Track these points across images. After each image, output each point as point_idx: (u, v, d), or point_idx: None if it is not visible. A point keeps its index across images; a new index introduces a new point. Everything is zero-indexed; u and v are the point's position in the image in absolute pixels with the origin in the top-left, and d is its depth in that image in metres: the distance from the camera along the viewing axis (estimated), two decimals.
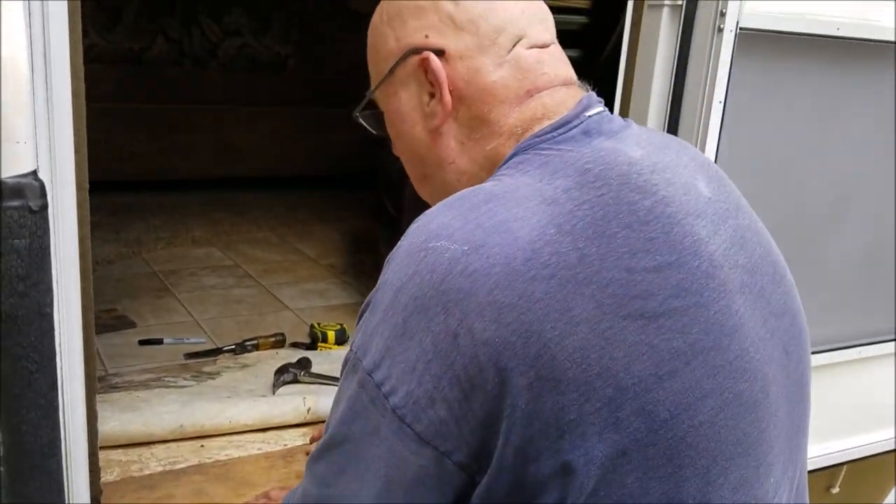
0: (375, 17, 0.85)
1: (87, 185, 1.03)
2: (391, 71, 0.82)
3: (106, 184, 1.10)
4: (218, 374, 1.89)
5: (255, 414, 1.63)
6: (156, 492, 1.38)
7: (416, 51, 0.80)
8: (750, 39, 1.48)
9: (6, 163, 0.54)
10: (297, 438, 1.62)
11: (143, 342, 2.08)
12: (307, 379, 1.83)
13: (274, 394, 1.76)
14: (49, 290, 0.58)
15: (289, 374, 1.82)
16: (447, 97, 0.79)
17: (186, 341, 2.11)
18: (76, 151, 0.97)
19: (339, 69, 4.38)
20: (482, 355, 0.61)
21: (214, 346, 2.09)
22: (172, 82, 3.94)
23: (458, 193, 0.72)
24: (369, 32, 0.85)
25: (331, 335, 2.18)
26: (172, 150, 3.85)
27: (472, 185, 0.77)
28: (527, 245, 0.63)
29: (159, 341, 2.09)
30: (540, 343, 0.61)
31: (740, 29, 1.45)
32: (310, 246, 3.21)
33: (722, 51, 1.43)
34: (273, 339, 2.13)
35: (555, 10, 0.86)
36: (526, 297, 0.61)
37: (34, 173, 0.57)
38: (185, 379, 1.84)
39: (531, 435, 0.61)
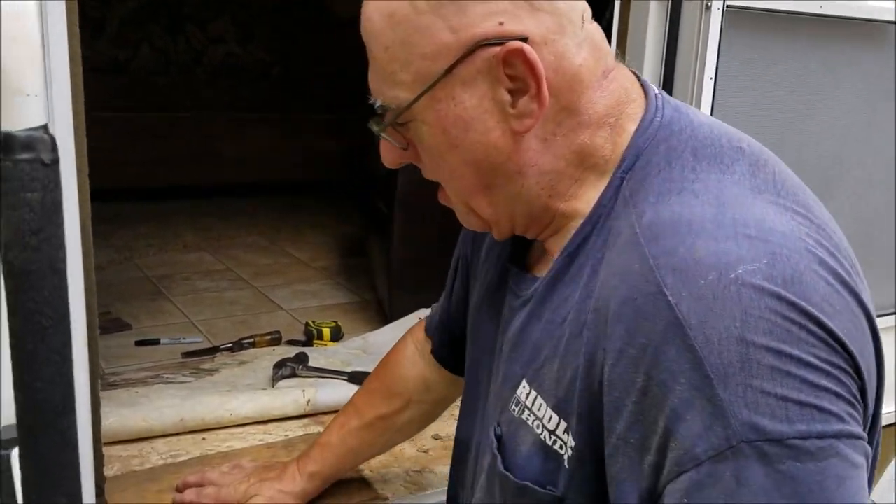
0: (403, 8, 0.69)
1: (87, 169, 1.03)
2: (449, 70, 0.69)
3: (94, 192, 1.10)
4: (216, 370, 1.88)
5: (256, 406, 1.62)
6: (158, 483, 1.38)
7: (490, 42, 0.68)
8: (737, 17, 1.50)
9: (18, 115, 0.54)
10: (297, 429, 1.62)
11: (139, 343, 2.07)
12: (305, 373, 1.82)
13: (273, 387, 1.75)
14: (62, 246, 0.58)
15: (287, 369, 1.81)
16: (545, 92, 0.68)
17: (183, 341, 2.10)
18: (76, 136, 0.97)
19: (324, 76, 4.40)
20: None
21: (211, 345, 2.08)
22: (158, 90, 3.94)
23: (678, 220, 0.64)
24: (389, 27, 0.70)
25: (326, 332, 2.18)
26: (160, 159, 3.84)
27: (553, 186, 0.74)
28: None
29: (156, 342, 2.08)
30: None
31: (727, 7, 1.47)
32: (300, 249, 3.20)
33: (711, 28, 1.45)
34: (269, 336, 2.12)
35: None
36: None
37: (45, 127, 0.57)
38: (183, 375, 1.83)
39: None
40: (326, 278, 2.84)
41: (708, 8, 1.44)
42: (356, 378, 1.76)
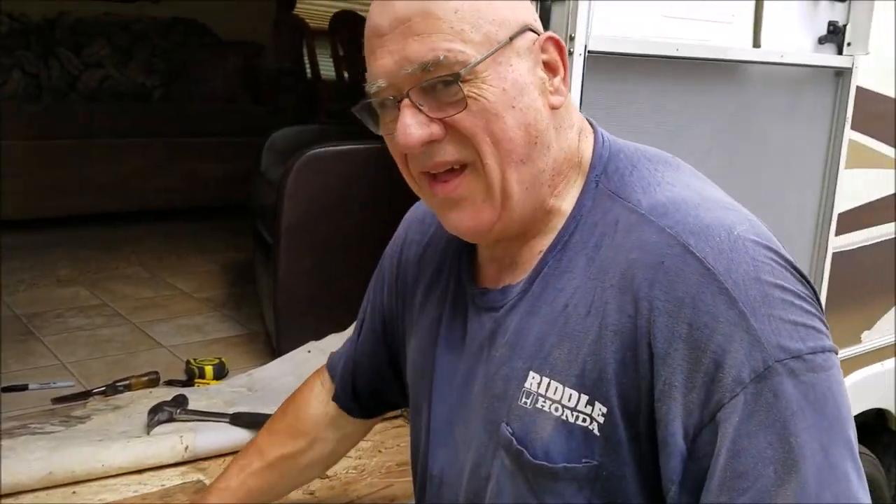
0: None
1: None
2: (510, 40, 0.80)
3: None
4: (88, 417, 1.81)
5: (129, 455, 1.57)
6: None
7: (532, 29, 0.83)
8: (598, 62, 1.57)
9: None
10: (175, 478, 1.58)
11: (5, 389, 1.97)
12: (183, 417, 1.77)
13: (149, 434, 1.70)
14: None
15: (164, 413, 1.76)
16: (568, 79, 0.84)
17: (53, 385, 2.02)
18: None
19: (206, 98, 4.32)
20: None
21: (84, 389, 2.00)
22: (31, 117, 3.75)
23: (674, 201, 0.79)
24: None
25: (208, 370, 2.14)
26: (35, 188, 3.67)
27: (553, 179, 0.85)
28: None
29: (24, 387, 1.99)
30: None
31: (588, 52, 1.53)
32: (184, 280, 3.12)
33: (574, 73, 1.51)
34: (146, 378, 2.06)
35: None
36: None
37: None
38: (52, 424, 1.75)
39: None
40: (212, 310, 2.78)
41: (570, 53, 1.50)
42: (238, 419, 1.73)
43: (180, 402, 1.82)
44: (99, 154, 3.86)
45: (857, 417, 1.07)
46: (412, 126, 0.79)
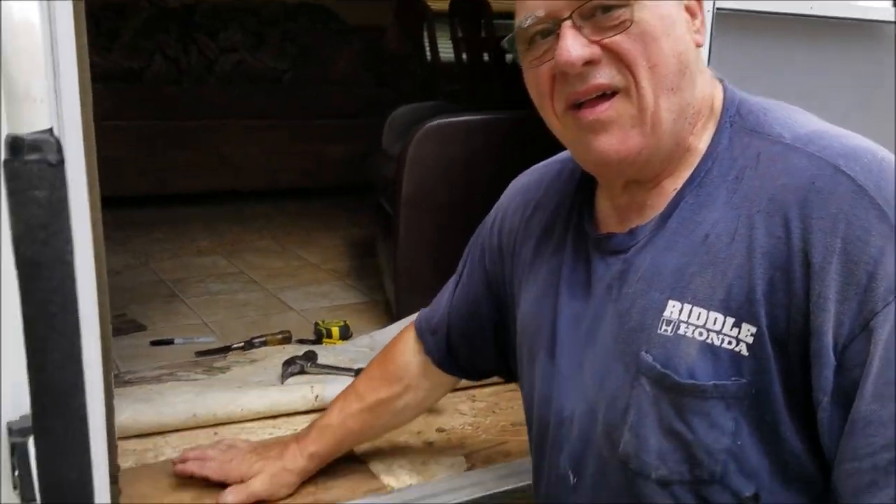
0: None
1: (97, 172, 1.08)
2: None
3: (109, 200, 1.15)
4: (228, 368, 1.94)
5: (266, 402, 1.68)
6: (171, 476, 1.43)
7: None
8: (727, 19, 1.54)
9: (25, 120, 0.59)
10: (304, 424, 1.65)
11: (154, 343, 2.14)
12: (314, 370, 1.87)
13: (282, 384, 1.81)
14: (69, 240, 0.63)
15: (296, 366, 1.86)
16: (706, 23, 0.91)
17: (196, 340, 2.16)
18: (84, 139, 1.02)
19: (332, 81, 4.46)
20: None
21: (223, 345, 2.14)
22: (171, 99, 4.00)
23: (816, 132, 0.84)
24: None
25: (335, 330, 2.23)
26: (174, 166, 3.91)
27: (695, 116, 0.89)
28: None
29: (170, 342, 2.15)
30: None
31: (717, 10, 1.51)
32: (311, 252, 3.26)
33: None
34: (280, 336, 2.18)
35: None
36: None
37: (50, 130, 0.62)
38: (196, 374, 1.89)
39: None
40: (336, 280, 2.89)
41: None
42: None
43: (311, 356, 1.92)
44: (232, 135, 4.07)
45: None
46: (574, 46, 0.83)
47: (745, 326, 0.81)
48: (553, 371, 1.02)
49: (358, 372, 1.84)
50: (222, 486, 1.34)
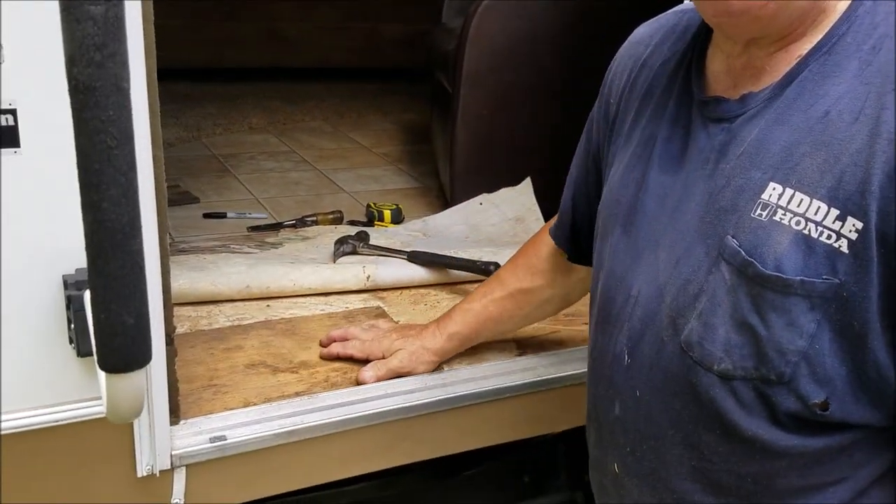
0: None
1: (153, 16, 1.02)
2: None
3: (163, 72, 1.09)
4: (280, 244, 1.93)
5: (318, 278, 1.66)
6: (225, 342, 1.43)
7: None
8: None
9: None
10: (357, 302, 1.65)
11: (207, 215, 2.13)
12: (366, 250, 1.84)
13: (335, 262, 1.78)
14: (125, 64, 0.58)
15: (348, 245, 1.83)
16: None
17: (249, 216, 2.15)
18: None
19: None
20: None
21: (276, 221, 2.12)
22: None
23: None
24: None
25: (387, 213, 2.20)
26: (225, 40, 3.83)
27: (800, 15, 0.78)
28: None
29: (223, 215, 2.14)
30: None
31: None
32: (363, 135, 3.20)
33: None
34: (332, 215, 2.15)
35: None
36: None
37: None
38: (249, 247, 1.88)
39: None
40: (388, 164, 2.84)
41: None
42: (416, 257, 1.77)
43: (363, 237, 1.88)
44: (284, 9, 3.95)
45: None
46: None
47: (850, 220, 0.72)
48: (625, 248, 0.95)
49: (410, 255, 1.80)
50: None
